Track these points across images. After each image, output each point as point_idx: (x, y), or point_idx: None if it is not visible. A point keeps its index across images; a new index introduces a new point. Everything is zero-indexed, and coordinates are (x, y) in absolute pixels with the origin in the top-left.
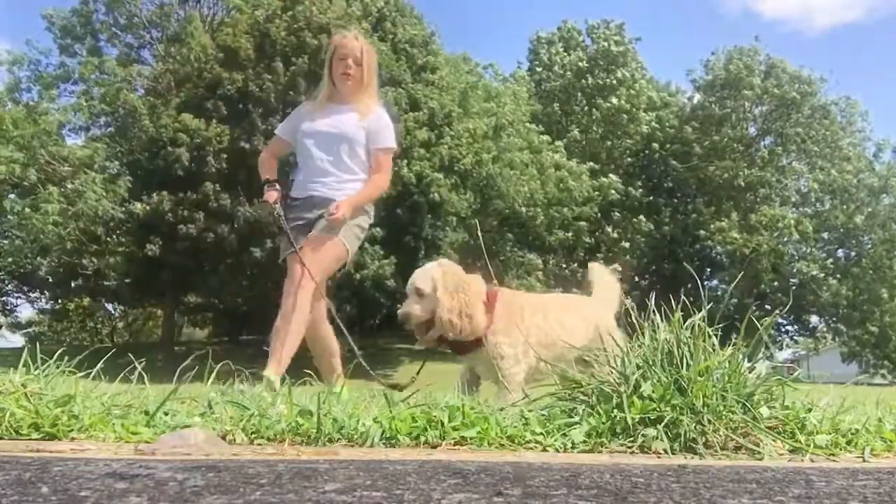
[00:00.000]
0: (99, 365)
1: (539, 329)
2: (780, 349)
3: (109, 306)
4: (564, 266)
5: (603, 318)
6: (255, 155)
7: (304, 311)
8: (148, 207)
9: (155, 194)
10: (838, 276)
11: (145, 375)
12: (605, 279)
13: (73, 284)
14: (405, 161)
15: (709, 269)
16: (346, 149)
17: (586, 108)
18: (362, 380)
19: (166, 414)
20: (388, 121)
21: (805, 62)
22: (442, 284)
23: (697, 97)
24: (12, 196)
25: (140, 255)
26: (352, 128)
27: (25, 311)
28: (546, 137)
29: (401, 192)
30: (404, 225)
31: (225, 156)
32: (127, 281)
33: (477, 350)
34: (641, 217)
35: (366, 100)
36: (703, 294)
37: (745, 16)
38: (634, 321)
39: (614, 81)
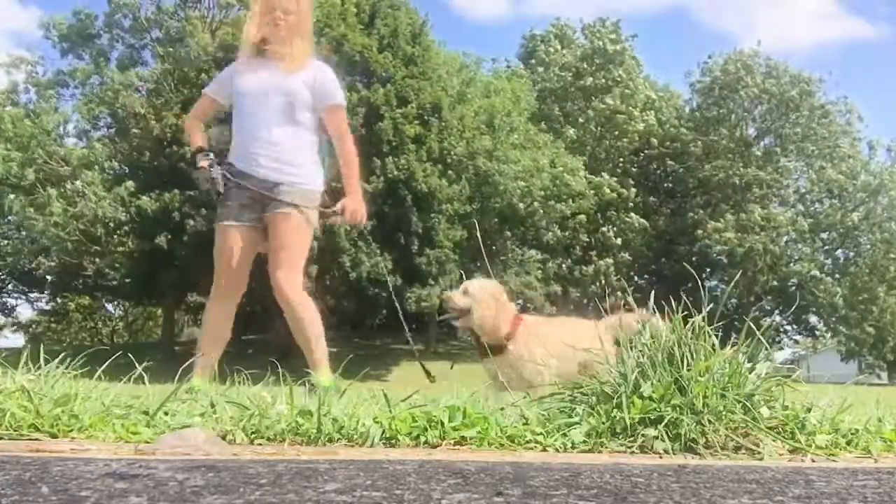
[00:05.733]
0: (103, 367)
1: (553, 345)
2: (781, 349)
3: (110, 306)
4: (561, 265)
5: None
6: None
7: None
8: (157, 203)
9: (165, 194)
10: (837, 275)
11: (145, 375)
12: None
13: (73, 284)
14: (390, 157)
15: (708, 269)
16: (286, 107)
17: (583, 107)
18: (359, 380)
19: (166, 414)
20: (331, 75)
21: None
22: (489, 293)
23: (696, 99)
24: (11, 196)
25: (144, 251)
26: (289, 83)
27: (25, 311)
28: (548, 136)
29: (386, 187)
30: (393, 221)
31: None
32: (128, 281)
33: (501, 356)
34: (633, 215)
35: (296, 53)
36: (703, 294)
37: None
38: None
39: (610, 81)
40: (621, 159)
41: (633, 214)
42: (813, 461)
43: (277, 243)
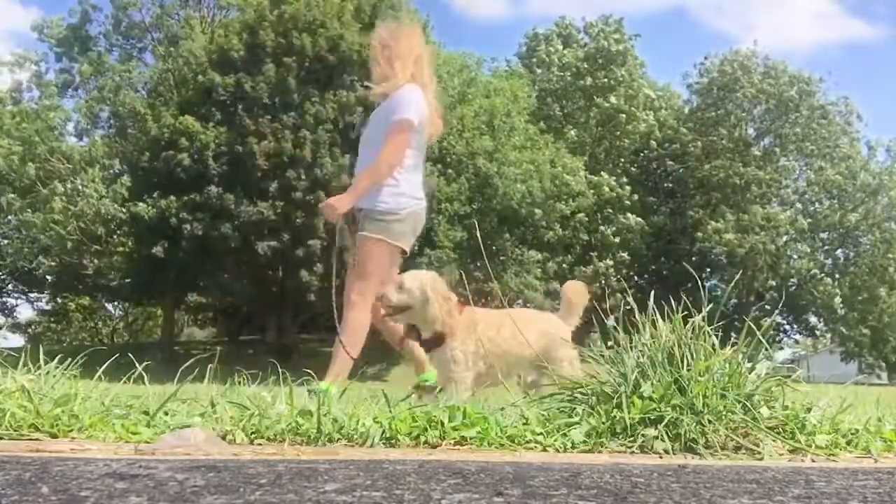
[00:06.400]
0: (103, 367)
1: (491, 341)
2: (781, 349)
3: (109, 306)
4: (562, 263)
5: (559, 330)
6: (251, 157)
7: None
8: (154, 210)
9: (162, 200)
10: (837, 276)
11: (145, 375)
12: (574, 297)
13: (73, 284)
14: None
15: (708, 269)
16: (375, 136)
17: (583, 107)
18: (359, 380)
19: (166, 414)
20: (409, 96)
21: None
22: (432, 289)
23: (694, 100)
24: (11, 195)
25: (143, 254)
26: (376, 117)
27: (25, 311)
28: (548, 137)
29: None
30: None
31: (226, 157)
32: (127, 281)
33: (436, 351)
34: (630, 214)
35: (393, 80)
36: (703, 294)
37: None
38: (634, 320)
39: (612, 81)
40: (621, 159)
41: (629, 214)
42: (813, 461)
43: (354, 253)
